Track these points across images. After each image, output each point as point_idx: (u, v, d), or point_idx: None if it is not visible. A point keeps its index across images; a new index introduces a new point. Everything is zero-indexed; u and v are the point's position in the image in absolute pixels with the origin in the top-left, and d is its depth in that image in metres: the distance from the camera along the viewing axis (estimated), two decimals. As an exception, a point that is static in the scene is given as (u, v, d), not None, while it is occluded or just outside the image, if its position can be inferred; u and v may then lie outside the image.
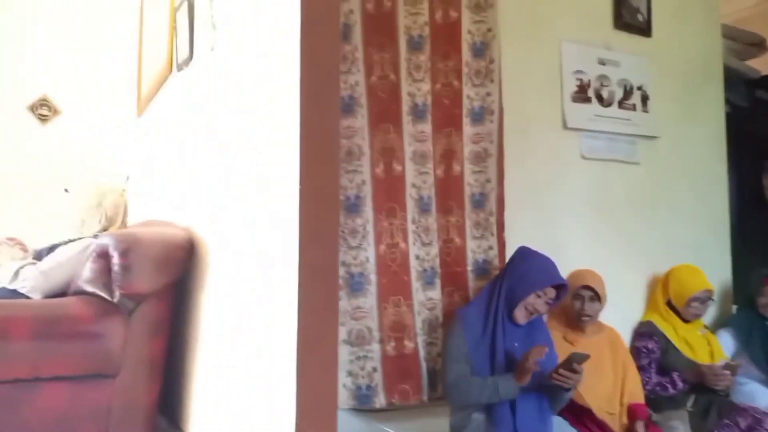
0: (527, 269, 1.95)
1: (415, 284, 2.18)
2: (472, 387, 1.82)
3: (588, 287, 2.33)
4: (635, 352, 2.55)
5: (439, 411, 1.98)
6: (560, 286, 2.04)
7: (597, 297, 2.34)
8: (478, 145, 2.34)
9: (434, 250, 2.23)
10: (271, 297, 1.54)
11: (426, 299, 2.20)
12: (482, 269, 2.30)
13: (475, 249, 2.29)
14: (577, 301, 2.35)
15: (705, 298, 2.57)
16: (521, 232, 2.20)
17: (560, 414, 2.03)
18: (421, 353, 2.16)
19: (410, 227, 2.20)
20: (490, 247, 2.30)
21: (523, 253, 2.07)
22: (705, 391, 2.40)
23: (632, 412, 2.27)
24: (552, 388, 1.88)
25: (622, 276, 2.68)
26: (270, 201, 1.58)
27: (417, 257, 2.20)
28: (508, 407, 1.85)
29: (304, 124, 1.43)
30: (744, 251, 3.25)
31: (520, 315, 1.95)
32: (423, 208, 2.23)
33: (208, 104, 2.17)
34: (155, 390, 2.07)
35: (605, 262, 2.58)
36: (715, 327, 2.83)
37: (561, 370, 1.80)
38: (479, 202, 2.33)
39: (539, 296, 1.96)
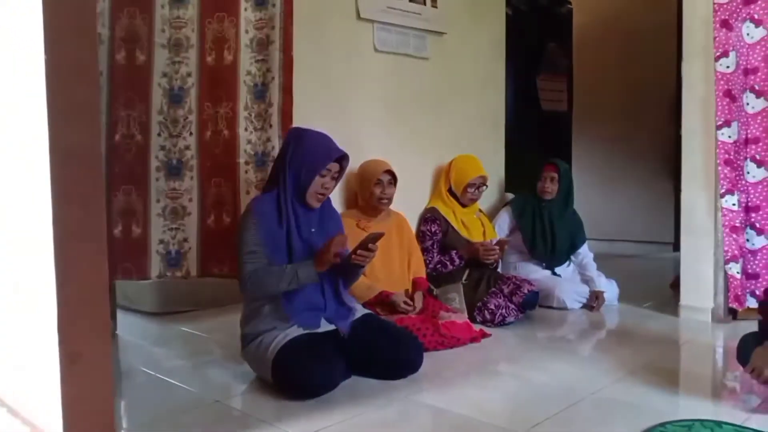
0: (305, 152, 1.89)
1: (156, 174, 2.17)
2: (271, 276, 1.80)
3: (389, 171, 2.48)
4: (420, 235, 2.79)
5: (234, 309, 1.99)
6: (341, 158, 1.98)
7: (394, 181, 2.49)
8: (261, 32, 2.21)
9: (183, 142, 2.19)
10: (27, 187, 1.35)
11: (168, 189, 2.19)
12: (261, 161, 2.26)
13: (255, 141, 2.24)
14: (378, 186, 2.47)
15: (479, 184, 2.85)
16: (314, 124, 2.15)
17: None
18: (153, 237, 2.19)
19: (156, 118, 2.13)
20: (269, 139, 2.25)
21: (297, 135, 1.97)
22: (477, 267, 2.73)
23: (414, 285, 2.52)
24: (347, 268, 1.94)
25: (412, 167, 2.87)
26: (18, 80, 1.35)
27: (162, 148, 2.16)
28: (313, 292, 1.89)
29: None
30: (516, 144, 3.64)
31: (313, 199, 1.93)
32: (173, 100, 2.15)
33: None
34: None
35: (397, 153, 2.73)
36: (493, 211, 3.18)
37: (359, 251, 1.86)
38: (261, 93, 2.24)
39: (324, 175, 1.92)
